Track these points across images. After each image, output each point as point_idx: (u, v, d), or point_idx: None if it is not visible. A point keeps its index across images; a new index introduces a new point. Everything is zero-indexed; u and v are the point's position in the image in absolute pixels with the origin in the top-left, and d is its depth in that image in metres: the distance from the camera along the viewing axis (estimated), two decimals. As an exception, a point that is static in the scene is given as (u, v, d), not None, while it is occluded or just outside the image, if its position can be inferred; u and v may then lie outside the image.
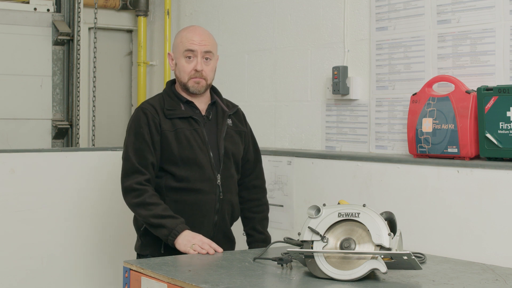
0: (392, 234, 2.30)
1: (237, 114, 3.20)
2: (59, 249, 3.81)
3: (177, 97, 3.06)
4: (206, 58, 3.04)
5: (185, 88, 3.04)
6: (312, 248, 2.37)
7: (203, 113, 3.08)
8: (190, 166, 2.98)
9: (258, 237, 3.19)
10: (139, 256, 3.06)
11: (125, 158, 2.98)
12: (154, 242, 2.98)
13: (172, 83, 3.14)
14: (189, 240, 2.81)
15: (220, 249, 2.83)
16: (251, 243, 3.20)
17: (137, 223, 3.06)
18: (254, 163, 3.24)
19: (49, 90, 4.70)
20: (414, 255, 2.27)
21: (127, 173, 2.96)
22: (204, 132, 3.03)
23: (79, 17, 4.69)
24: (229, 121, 3.13)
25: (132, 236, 3.19)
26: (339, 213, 2.38)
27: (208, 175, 3.00)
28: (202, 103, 3.10)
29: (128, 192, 2.94)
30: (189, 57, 3.02)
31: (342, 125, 3.59)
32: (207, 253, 2.78)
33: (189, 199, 2.98)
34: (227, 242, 3.12)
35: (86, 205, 3.90)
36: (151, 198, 2.90)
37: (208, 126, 3.06)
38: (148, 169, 2.94)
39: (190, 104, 3.06)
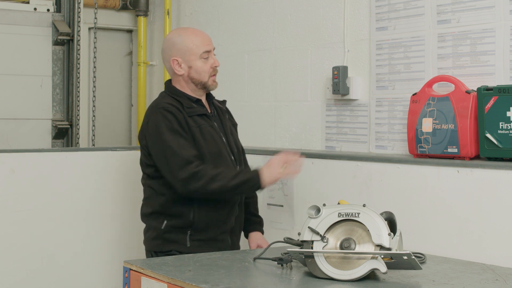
0: (392, 234, 2.30)
1: (227, 109, 3.28)
2: (59, 249, 3.81)
3: (186, 97, 3.08)
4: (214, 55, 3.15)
5: (204, 87, 3.09)
6: (312, 248, 2.37)
7: (209, 111, 3.14)
8: (217, 160, 3.01)
9: (255, 219, 3.28)
10: (158, 253, 3.02)
11: (172, 154, 2.92)
12: (179, 238, 2.99)
13: (171, 83, 3.15)
14: (272, 172, 2.92)
15: (297, 155, 3.02)
16: (249, 226, 3.26)
17: (154, 221, 3.04)
18: (242, 153, 3.29)
19: (49, 90, 4.69)
20: (414, 255, 2.27)
21: (180, 166, 2.90)
22: (217, 128, 3.09)
23: (79, 17, 4.69)
24: (227, 117, 3.22)
25: (132, 236, 3.19)
26: (339, 213, 2.38)
27: (232, 168, 3.05)
28: (204, 102, 3.14)
29: (189, 180, 2.89)
30: (206, 58, 3.07)
31: (342, 125, 3.59)
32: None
33: None
34: (240, 232, 3.20)
35: (86, 205, 3.89)
36: (212, 171, 2.89)
37: (217, 123, 3.13)
38: (195, 159, 2.94)
39: (199, 102, 3.10)
